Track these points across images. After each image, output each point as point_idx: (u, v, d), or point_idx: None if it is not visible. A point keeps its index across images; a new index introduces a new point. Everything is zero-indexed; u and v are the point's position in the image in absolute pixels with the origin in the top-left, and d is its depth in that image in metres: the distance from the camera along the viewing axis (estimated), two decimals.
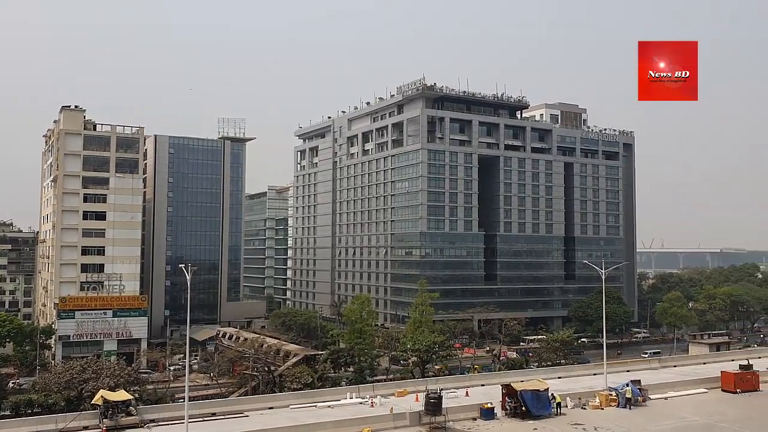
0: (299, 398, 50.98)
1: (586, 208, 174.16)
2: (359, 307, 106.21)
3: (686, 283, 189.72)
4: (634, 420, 42.49)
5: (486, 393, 49.24)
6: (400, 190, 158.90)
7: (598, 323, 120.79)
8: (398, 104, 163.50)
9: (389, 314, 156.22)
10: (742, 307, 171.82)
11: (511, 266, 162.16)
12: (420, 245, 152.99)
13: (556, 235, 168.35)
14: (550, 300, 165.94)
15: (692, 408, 46.22)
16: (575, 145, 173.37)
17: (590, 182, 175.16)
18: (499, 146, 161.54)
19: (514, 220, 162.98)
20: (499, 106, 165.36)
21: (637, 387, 47.54)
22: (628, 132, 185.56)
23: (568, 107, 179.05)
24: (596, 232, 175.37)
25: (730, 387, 51.51)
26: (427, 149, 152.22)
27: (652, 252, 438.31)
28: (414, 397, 47.40)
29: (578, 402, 46.31)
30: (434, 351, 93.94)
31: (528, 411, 42.69)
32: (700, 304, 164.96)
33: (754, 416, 43.65)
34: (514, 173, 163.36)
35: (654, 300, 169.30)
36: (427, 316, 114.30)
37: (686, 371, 60.98)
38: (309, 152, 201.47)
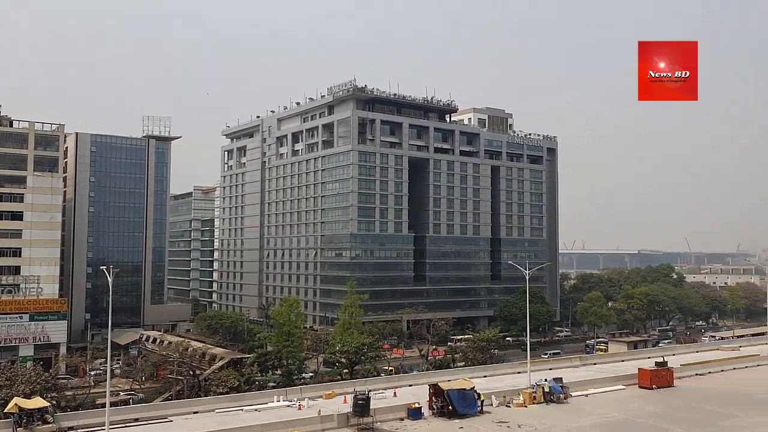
0: (225, 402, 50.17)
1: (512, 210, 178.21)
2: (287, 309, 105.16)
3: (606, 284, 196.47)
4: (557, 417, 43.71)
5: (414, 393, 49.63)
6: (330, 192, 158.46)
7: (523, 322, 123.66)
8: (329, 105, 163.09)
9: (318, 316, 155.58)
10: (658, 307, 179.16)
11: (440, 267, 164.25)
12: (350, 246, 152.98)
13: (483, 236, 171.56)
14: (477, 300, 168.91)
15: (611, 404, 47.88)
16: (502, 149, 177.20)
17: (516, 185, 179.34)
18: (429, 149, 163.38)
19: (443, 221, 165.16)
20: (428, 110, 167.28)
21: (560, 385, 48.88)
22: (552, 137, 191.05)
23: (495, 112, 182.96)
24: (521, 234, 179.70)
25: (647, 383, 53.50)
26: (358, 151, 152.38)
27: (573, 253, 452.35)
28: (342, 399, 47.35)
29: (503, 400, 47.29)
30: (363, 352, 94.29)
31: (454, 410, 43.28)
32: (619, 303, 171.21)
33: (669, 411, 45.56)
34: (443, 175, 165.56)
35: (575, 299, 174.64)
36: (357, 317, 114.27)
37: (606, 369, 63.14)
38: (237, 152, 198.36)
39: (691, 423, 41.76)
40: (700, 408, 46.43)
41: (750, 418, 42.71)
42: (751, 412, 44.60)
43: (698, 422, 42.04)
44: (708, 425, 41.17)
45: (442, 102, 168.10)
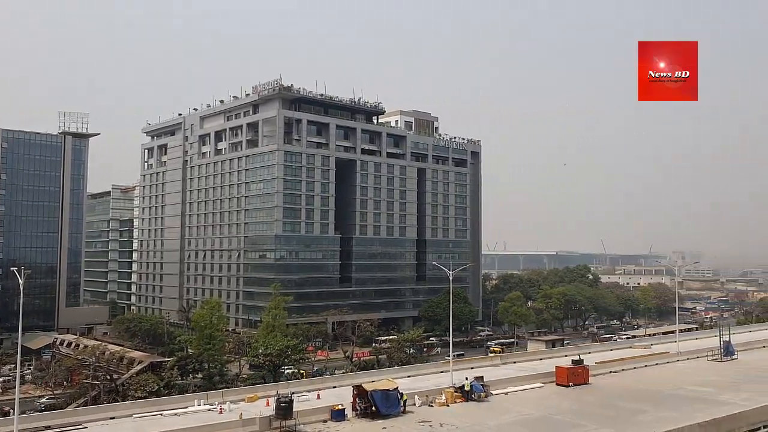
0: (143, 407, 48.62)
1: (437, 212, 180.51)
2: (209, 311, 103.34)
3: (526, 284, 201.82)
4: (477, 415, 44.43)
5: (338, 395, 49.47)
6: (254, 192, 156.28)
7: (446, 322, 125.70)
8: (254, 104, 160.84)
9: (241, 319, 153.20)
10: (574, 306, 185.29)
11: (366, 268, 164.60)
12: (274, 248, 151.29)
13: (409, 237, 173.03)
14: (402, 301, 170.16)
15: (530, 402, 49.03)
16: (428, 151, 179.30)
17: (441, 187, 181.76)
18: (356, 150, 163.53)
19: (370, 223, 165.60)
20: (356, 111, 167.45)
21: (481, 383, 49.71)
22: (476, 141, 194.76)
23: (422, 115, 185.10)
24: (446, 235, 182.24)
25: (564, 381, 54.99)
26: (283, 151, 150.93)
27: (496, 254, 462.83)
28: (265, 402, 46.75)
29: (425, 400, 47.70)
30: (287, 355, 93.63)
31: (378, 410, 43.36)
32: (538, 303, 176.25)
33: (585, 408, 47.00)
34: (370, 177, 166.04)
35: (497, 299, 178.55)
36: (281, 319, 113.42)
37: (525, 367, 64.58)
38: (158, 150, 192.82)
39: (605, 419, 43.25)
40: (613, 404, 48.12)
41: (659, 413, 44.60)
42: (661, 407, 46.59)
43: (612, 418, 43.58)
44: (621, 421, 42.72)
45: (369, 104, 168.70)
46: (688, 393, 52.45)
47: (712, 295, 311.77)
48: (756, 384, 55.74)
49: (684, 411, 44.74)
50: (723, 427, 41.52)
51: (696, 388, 54.53)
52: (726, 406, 46.13)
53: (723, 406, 46.17)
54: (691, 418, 41.84)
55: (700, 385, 55.79)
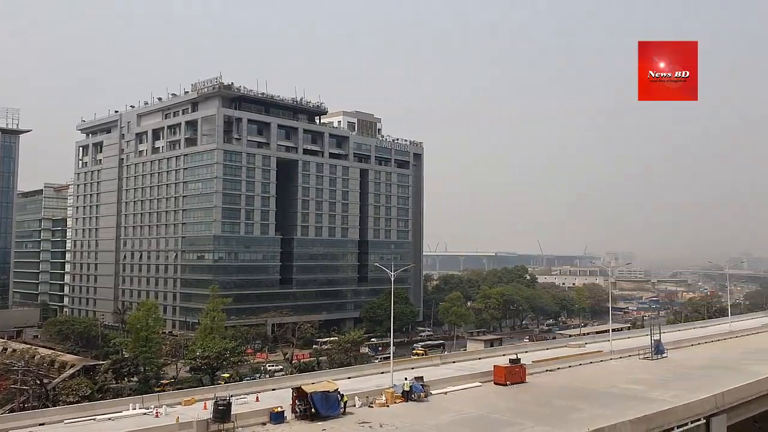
0: (75, 412, 47.01)
1: (379, 213, 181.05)
2: (145, 313, 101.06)
3: (466, 284, 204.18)
4: (417, 415, 44.64)
5: (278, 397, 48.94)
6: (192, 192, 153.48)
7: (388, 323, 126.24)
8: (193, 102, 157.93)
9: (178, 321, 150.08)
10: (512, 306, 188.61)
11: (307, 270, 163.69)
12: (213, 249, 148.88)
13: (350, 238, 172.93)
14: (343, 302, 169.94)
15: (468, 401, 49.54)
16: (370, 152, 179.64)
17: (383, 189, 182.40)
18: (298, 150, 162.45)
19: (311, 223, 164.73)
20: (298, 111, 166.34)
21: (420, 383, 49.96)
22: (418, 143, 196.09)
23: (365, 116, 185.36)
24: (388, 236, 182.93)
25: (501, 380, 55.72)
26: (223, 150, 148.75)
27: (437, 255, 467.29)
28: (202, 405, 45.90)
29: (366, 401, 47.65)
30: (225, 357, 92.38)
31: (317, 412, 43.14)
32: (478, 303, 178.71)
33: (521, 407, 47.77)
34: (312, 177, 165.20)
35: (437, 300, 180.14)
36: (219, 322, 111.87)
37: (464, 366, 65.25)
38: (93, 148, 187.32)
39: (541, 417, 44.04)
40: (549, 403, 49.05)
41: (593, 410, 45.69)
42: (595, 404, 47.76)
43: (548, 416, 44.41)
44: (556, 419, 43.58)
45: (311, 103, 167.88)
46: (621, 391, 53.93)
47: (644, 296, 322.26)
48: (684, 381, 57.73)
49: (616, 408, 45.95)
50: (653, 423, 42.75)
51: (628, 386, 56.10)
52: (656, 403, 47.56)
53: (653, 403, 47.59)
54: (624, 415, 42.93)
55: (631, 383, 57.41)
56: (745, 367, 64.59)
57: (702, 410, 47.25)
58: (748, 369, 62.65)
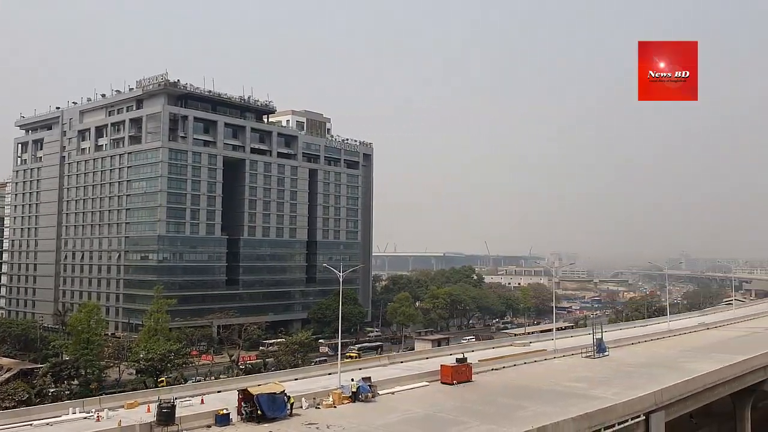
0: (11, 417, 45.36)
1: (328, 213, 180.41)
2: (87, 315, 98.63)
3: (414, 284, 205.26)
4: (364, 415, 44.66)
5: (223, 399, 48.32)
6: (137, 191, 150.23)
7: (336, 324, 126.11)
8: (137, 99, 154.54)
9: (121, 322, 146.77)
10: (460, 306, 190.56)
11: (254, 270, 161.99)
12: (157, 249, 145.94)
13: (299, 239, 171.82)
14: (291, 303, 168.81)
15: (415, 401, 49.79)
16: (320, 152, 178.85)
17: (333, 189, 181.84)
18: (245, 149, 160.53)
19: (259, 224, 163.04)
20: (245, 109, 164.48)
21: (368, 384, 49.99)
22: (368, 143, 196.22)
23: (314, 116, 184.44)
24: (337, 237, 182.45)
25: (448, 379, 56.21)
26: (168, 148, 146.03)
27: (386, 255, 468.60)
28: (146, 408, 44.95)
29: (312, 402, 47.42)
30: (169, 359, 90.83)
31: (264, 414, 42.74)
32: (425, 303, 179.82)
33: (467, 405, 48.26)
34: (260, 177, 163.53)
35: (386, 300, 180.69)
36: (163, 323, 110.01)
37: (412, 366, 65.57)
38: (32, 145, 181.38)
39: (486, 415, 44.58)
40: (494, 401, 49.71)
41: (537, 408, 46.50)
42: (538, 402, 48.60)
43: (493, 415, 44.98)
44: (501, 417, 44.18)
45: (259, 102, 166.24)
46: (564, 389, 55.02)
47: (586, 295, 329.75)
48: (625, 379, 59.25)
49: (560, 406, 46.84)
50: (595, 420, 43.76)
51: (571, 384, 57.29)
52: (597, 400, 48.70)
53: (595, 400, 48.71)
54: (567, 412, 43.81)
55: (574, 381, 58.65)
56: (683, 365, 66.74)
57: (641, 407, 48.62)
58: (685, 367, 64.77)
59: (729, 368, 63.39)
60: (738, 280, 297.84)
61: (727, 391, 64.70)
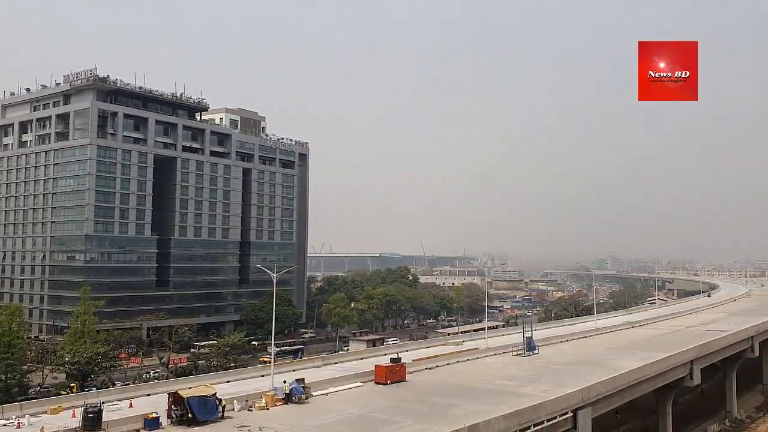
0: None
1: (263, 213, 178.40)
2: (8, 317, 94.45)
3: (350, 285, 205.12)
4: (297, 417, 44.42)
5: (153, 402, 47.25)
6: (63, 189, 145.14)
7: (269, 325, 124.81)
8: (65, 94, 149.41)
9: (45, 325, 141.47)
10: (395, 306, 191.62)
11: (185, 271, 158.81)
12: (85, 249, 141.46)
13: (232, 239, 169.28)
14: (223, 305, 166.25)
15: (350, 401, 49.82)
16: (254, 151, 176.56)
17: (267, 188, 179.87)
18: (177, 147, 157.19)
19: (190, 224, 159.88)
20: (177, 106, 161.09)
21: (301, 385, 49.74)
22: (304, 143, 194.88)
23: (248, 114, 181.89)
24: (271, 237, 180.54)
25: (382, 379, 56.48)
26: (97, 145, 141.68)
27: (321, 256, 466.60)
28: (71, 413, 43.51)
29: (245, 404, 46.87)
30: (96, 363, 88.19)
31: (195, 417, 41.99)
32: (361, 304, 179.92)
33: (401, 405, 48.60)
34: (192, 176, 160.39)
35: (321, 301, 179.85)
36: (91, 325, 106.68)
37: (346, 367, 65.54)
38: None
39: (420, 415, 45.00)
40: (428, 400, 50.23)
41: (469, 406, 47.23)
42: (471, 400, 49.37)
43: (426, 414, 45.44)
44: (434, 416, 44.67)
45: (192, 99, 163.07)
46: (495, 387, 56.08)
47: (517, 295, 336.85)
48: (554, 377, 60.81)
49: (491, 404, 47.72)
50: (524, 417, 44.76)
51: (502, 382, 58.43)
52: (527, 398, 49.84)
53: (525, 398, 49.83)
54: (498, 410, 44.65)
55: (505, 379, 59.84)
56: (609, 362, 68.93)
57: (569, 404, 50.01)
58: (611, 364, 66.91)
59: (652, 365, 65.83)
60: (661, 280, 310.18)
61: (651, 387, 67.22)
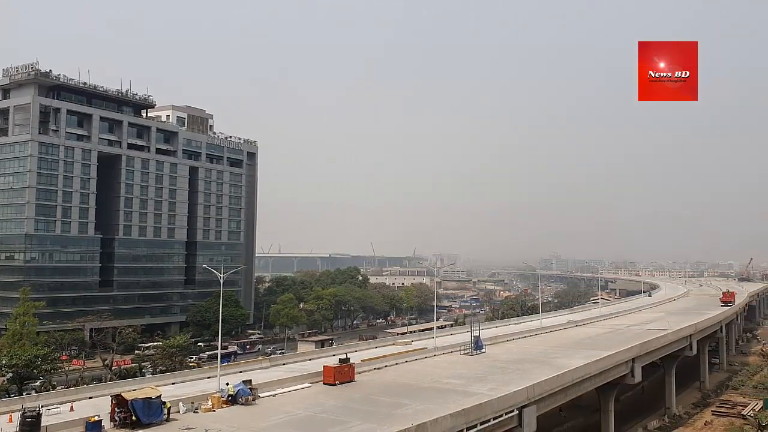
0: None
1: (210, 213, 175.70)
2: None
3: (298, 286, 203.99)
4: (243, 418, 44.08)
5: (95, 405, 46.30)
6: (2, 186, 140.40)
7: (216, 326, 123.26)
8: (4, 88, 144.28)
9: None
10: (344, 306, 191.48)
11: (130, 272, 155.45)
12: (24, 248, 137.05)
13: (178, 239, 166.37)
14: (169, 305, 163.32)
15: (297, 402, 49.67)
16: (201, 149, 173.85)
17: (215, 188, 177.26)
18: (122, 145, 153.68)
19: (135, 223, 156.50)
20: (123, 103, 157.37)
21: (248, 387, 49.38)
22: (252, 141, 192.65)
23: (196, 111, 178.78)
24: (218, 237, 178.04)
25: (331, 380, 56.54)
26: (38, 142, 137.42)
27: (270, 257, 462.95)
28: (7, 418, 42.24)
29: (191, 406, 46.30)
30: (36, 365, 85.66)
31: (139, 420, 41.30)
32: (310, 304, 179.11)
33: (349, 405, 48.72)
34: (137, 174, 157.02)
35: (269, 302, 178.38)
36: (30, 327, 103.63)
37: (294, 368, 65.33)
38: None
39: (367, 414, 45.18)
40: (376, 400, 50.46)
41: (416, 405, 47.64)
42: (418, 400, 49.80)
43: (374, 413, 45.66)
44: (382, 415, 44.90)
45: (138, 96, 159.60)
46: (443, 385, 56.72)
47: (466, 294, 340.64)
48: (500, 375, 61.86)
49: (439, 403, 48.24)
50: (471, 415, 45.37)
51: (450, 380, 59.12)
52: (474, 396, 50.55)
53: (472, 396, 50.54)
54: (445, 409, 45.16)
55: (453, 378, 60.56)
56: (553, 360, 70.45)
57: (515, 402, 50.93)
58: (556, 362, 68.40)
59: (595, 363, 67.53)
60: (604, 280, 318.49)
61: (593, 385, 68.94)
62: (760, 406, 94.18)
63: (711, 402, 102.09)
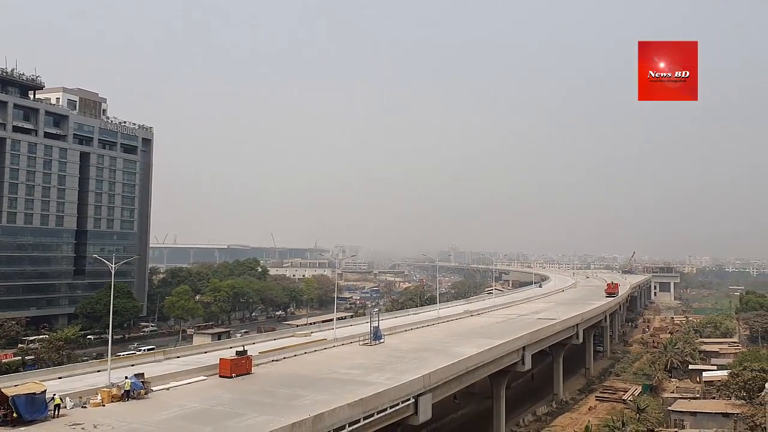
0: None
1: (102, 201, 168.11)
2: None
3: (195, 277, 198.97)
4: (135, 413, 42.78)
5: None
6: None
7: (107, 319, 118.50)
8: None
9: None
10: (243, 298, 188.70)
11: (14, 261, 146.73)
12: None
13: (67, 228, 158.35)
14: (56, 297, 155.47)
15: (192, 395, 48.67)
16: (93, 134, 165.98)
17: (107, 174, 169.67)
18: (7, 127, 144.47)
19: (21, 210, 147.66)
20: (8, 83, 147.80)
21: (141, 380, 47.96)
22: (148, 127, 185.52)
23: (88, 94, 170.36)
24: (110, 226, 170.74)
25: (227, 372, 55.78)
26: None
27: (165, 247, 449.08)
28: None
29: (78, 401, 44.48)
30: None
31: (21, 417, 39.26)
32: (206, 296, 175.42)
33: (246, 397, 48.23)
34: (23, 159, 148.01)
35: (164, 294, 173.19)
36: None
37: (189, 361, 63.90)
38: None
39: (264, 407, 44.90)
40: (273, 392, 50.22)
41: (315, 396, 47.78)
42: (316, 391, 49.96)
43: (271, 405, 45.44)
44: (279, 407, 44.74)
45: (26, 76, 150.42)
46: (341, 376, 57.17)
47: (367, 285, 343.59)
48: (398, 364, 62.96)
49: (336, 393, 48.61)
50: (368, 405, 46.05)
51: (348, 371, 59.65)
52: (372, 386, 51.26)
53: (369, 386, 51.23)
54: (343, 399, 45.58)
55: (351, 368, 61.14)
56: (449, 349, 72.42)
57: (411, 390, 52.11)
58: (452, 351, 70.35)
59: (488, 352, 70.00)
60: (498, 272, 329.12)
61: (486, 372, 71.50)
62: (639, 391, 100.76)
63: (595, 388, 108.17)
